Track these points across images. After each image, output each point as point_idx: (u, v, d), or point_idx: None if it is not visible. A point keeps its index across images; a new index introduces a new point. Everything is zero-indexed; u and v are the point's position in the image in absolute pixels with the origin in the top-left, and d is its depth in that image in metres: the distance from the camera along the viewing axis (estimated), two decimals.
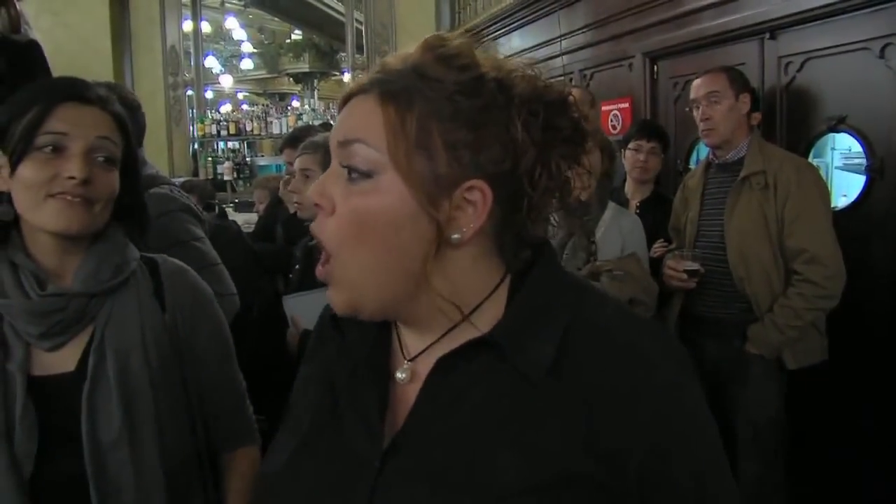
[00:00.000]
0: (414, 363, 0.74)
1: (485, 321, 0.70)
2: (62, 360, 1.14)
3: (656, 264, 2.54)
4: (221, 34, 12.54)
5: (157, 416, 1.14)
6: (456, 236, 0.67)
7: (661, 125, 3.40)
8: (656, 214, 2.86)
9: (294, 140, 3.11)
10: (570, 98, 0.70)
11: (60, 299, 1.13)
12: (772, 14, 2.82)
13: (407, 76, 0.67)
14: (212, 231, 2.32)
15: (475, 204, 0.66)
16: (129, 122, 1.22)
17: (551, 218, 0.75)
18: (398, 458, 0.68)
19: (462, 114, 0.65)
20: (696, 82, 2.56)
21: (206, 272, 1.79)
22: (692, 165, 3.46)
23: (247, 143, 9.39)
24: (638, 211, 2.98)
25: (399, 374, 0.74)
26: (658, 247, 2.78)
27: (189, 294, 1.28)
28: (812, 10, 2.62)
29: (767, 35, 2.91)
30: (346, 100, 0.72)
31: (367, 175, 0.67)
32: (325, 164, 2.10)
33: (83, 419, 1.09)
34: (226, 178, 7.92)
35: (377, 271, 0.68)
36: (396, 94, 0.67)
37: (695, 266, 2.39)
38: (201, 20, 8.60)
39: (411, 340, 0.75)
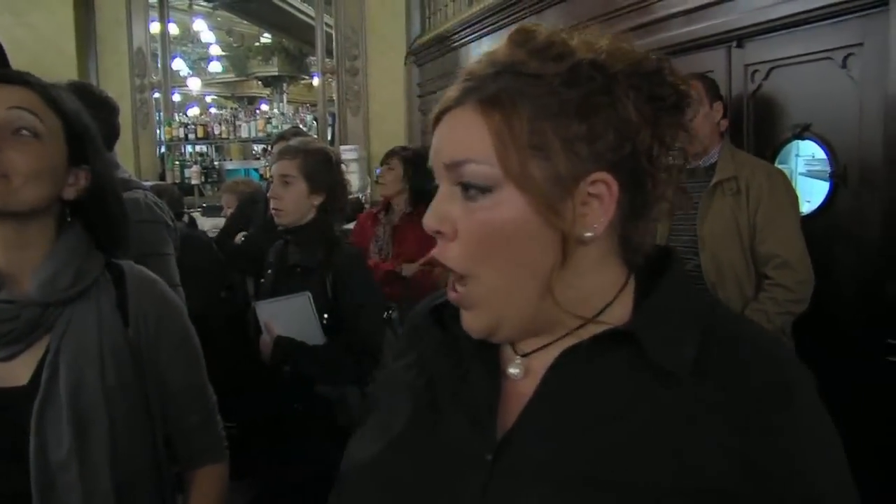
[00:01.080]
0: (528, 359, 0.71)
1: (610, 322, 0.67)
2: (14, 373, 1.08)
3: None
4: (189, 36, 12.36)
5: (111, 436, 1.08)
6: (588, 234, 0.63)
7: None
8: None
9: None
10: (667, 63, 0.66)
11: (12, 307, 1.06)
12: (739, 23, 2.87)
13: (501, 78, 0.64)
14: (181, 240, 2.29)
15: (600, 197, 0.63)
16: (77, 109, 1.15)
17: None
18: (512, 455, 0.65)
19: (570, 105, 0.62)
20: None
21: None
22: None
23: (215, 147, 9.28)
24: None
25: (512, 370, 0.71)
26: None
27: (155, 306, 1.21)
28: (778, 19, 2.68)
29: (735, 43, 2.96)
30: (439, 118, 0.69)
31: (485, 190, 0.63)
32: (305, 169, 2.09)
33: (31, 437, 1.03)
34: (193, 182, 7.81)
35: (516, 288, 0.65)
36: (497, 99, 0.63)
37: None
38: (168, 22, 8.48)
39: (527, 341, 0.72)
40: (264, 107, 11.45)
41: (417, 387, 0.76)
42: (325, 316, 2.04)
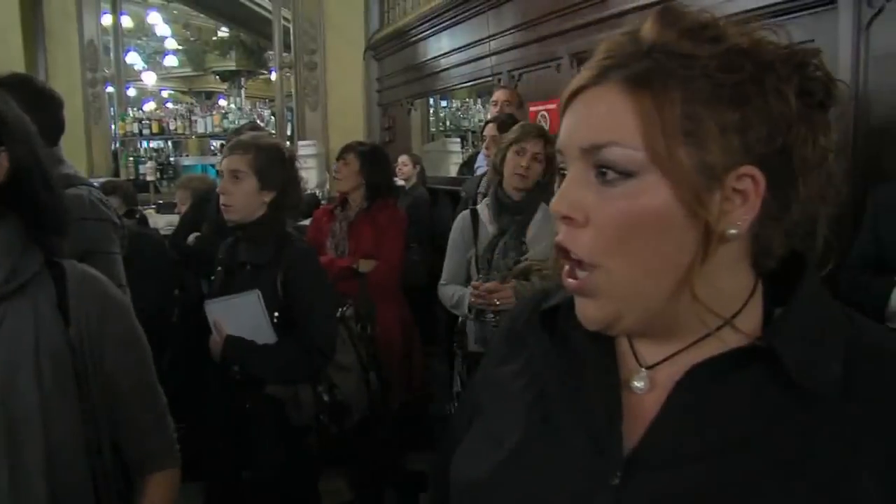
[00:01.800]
0: (652, 371, 0.66)
1: (740, 332, 0.62)
2: None
3: None
4: (144, 29, 12.11)
5: (46, 444, 1.04)
6: (733, 231, 0.59)
7: None
8: None
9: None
10: (817, 56, 0.61)
11: None
12: None
13: (649, 57, 0.59)
14: (132, 239, 2.23)
15: (745, 193, 0.58)
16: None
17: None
18: (640, 479, 0.60)
19: (724, 91, 0.57)
20: None
21: None
22: None
23: (172, 143, 9.11)
24: None
25: (636, 383, 0.66)
26: None
27: (98, 305, 1.16)
28: (730, 16, 2.69)
29: None
30: (572, 97, 0.64)
31: (628, 175, 0.59)
32: (255, 165, 2.05)
33: None
34: (148, 178, 7.65)
35: (646, 281, 0.60)
36: (646, 79, 0.58)
37: None
38: (122, 14, 8.30)
39: (648, 348, 0.67)
40: (222, 102, 11.29)
41: (528, 398, 0.71)
42: (276, 314, 2.00)
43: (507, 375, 0.76)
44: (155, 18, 11.86)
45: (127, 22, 9.41)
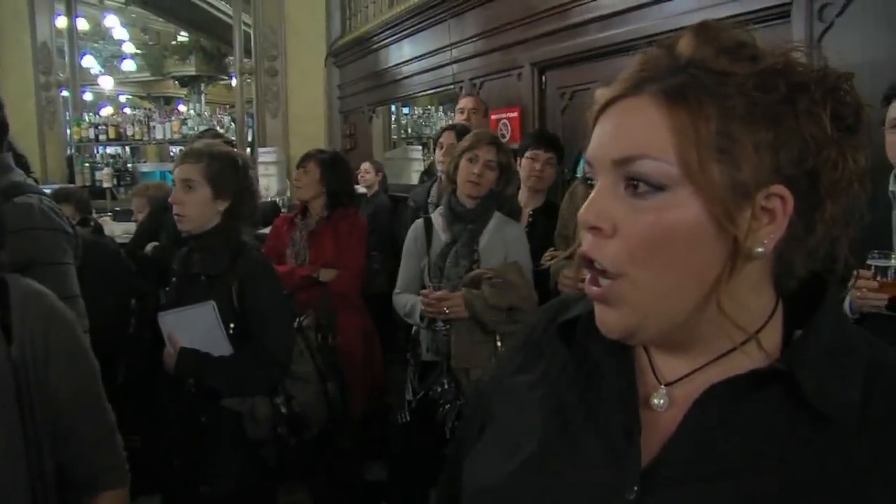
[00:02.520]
0: (671, 388, 0.66)
1: (759, 352, 0.62)
2: None
3: (545, 274, 2.57)
4: (100, 32, 11.87)
5: None
6: (759, 250, 0.59)
7: (557, 136, 3.48)
8: (548, 222, 2.91)
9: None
10: (848, 81, 0.61)
11: None
12: (654, 29, 2.94)
13: (686, 72, 0.60)
14: (86, 249, 2.17)
15: (773, 213, 0.59)
16: None
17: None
18: (658, 491, 0.61)
19: (758, 110, 0.58)
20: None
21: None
22: (579, 174, 3.55)
23: (130, 149, 8.95)
24: (531, 219, 3.02)
25: (655, 400, 0.66)
26: (548, 256, 2.82)
27: (43, 321, 1.13)
28: (690, 27, 2.75)
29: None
30: (605, 107, 0.64)
31: (659, 188, 0.59)
32: (208, 173, 2.01)
33: None
34: (105, 185, 7.51)
35: (671, 294, 0.60)
36: (681, 93, 0.59)
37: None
38: (77, 17, 8.11)
39: (667, 363, 0.67)
40: (181, 107, 11.12)
41: (546, 408, 0.71)
42: (232, 325, 1.97)
43: (523, 385, 0.76)
44: (112, 21, 11.63)
45: (83, 25, 9.20)
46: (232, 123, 7.66)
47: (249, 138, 7.39)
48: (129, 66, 12.55)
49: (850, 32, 2.29)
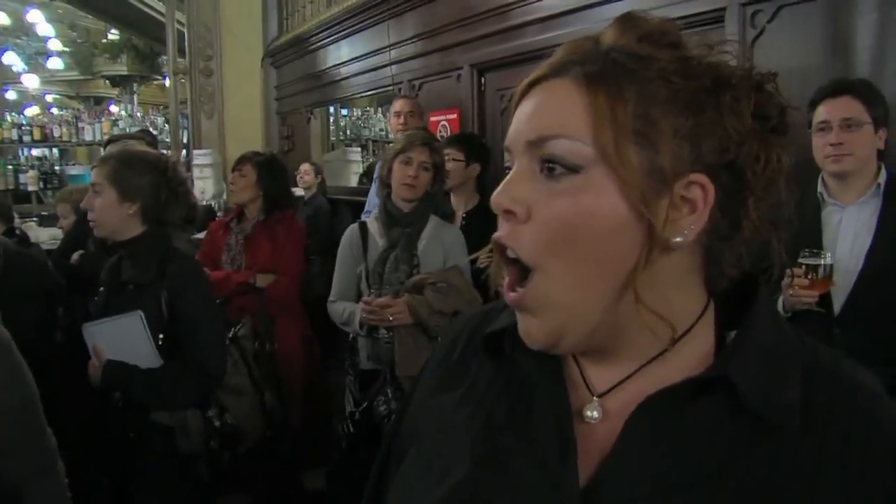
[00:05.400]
0: (604, 399, 0.63)
1: (691, 355, 0.61)
2: None
3: (480, 274, 2.55)
4: (23, 28, 11.38)
5: None
6: (677, 239, 0.57)
7: (471, 135, 3.49)
8: (482, 224, 2.90)
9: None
10: (773, 81, 0.61)
11: None
12: (593, 31, 2.94)
13: (608, 57, 0.59)
14: (9, 259, 2.07)
15: (694, 202, 0.58)
16: None
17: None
18: None
19: (680, 97, 0.57)
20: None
21: None
22: None
23: (59, 151, 8.62)
24: (464, 222, 3.01)
25: (588, 413, 0.63)
26: (485, 257, 2.81)
27: None
28: None
29: None
30: (525, 91, 0.63)
31: (573, 170, 0.57)
32: (112, 176, 1.94)
33: None
34: (30, 188, 7.21)
35: (587, 288, 0.58)
36: (603, 77, 0.58)
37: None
38: None
39: (597, 373, 0.64)
40: (113, 108, 10.77)
41: (474, 428, 0.67)
42: (161, 336, 1.89)
43: (448, 403, 0.71)
44: (35, 17, 11.13)
45: (3, 19, 8.80)
46: (166, 125, 7.45)
47: (185, 140, 7.19)
48: (55, 63, 12.07)
49: (781, 38, 2.35)
